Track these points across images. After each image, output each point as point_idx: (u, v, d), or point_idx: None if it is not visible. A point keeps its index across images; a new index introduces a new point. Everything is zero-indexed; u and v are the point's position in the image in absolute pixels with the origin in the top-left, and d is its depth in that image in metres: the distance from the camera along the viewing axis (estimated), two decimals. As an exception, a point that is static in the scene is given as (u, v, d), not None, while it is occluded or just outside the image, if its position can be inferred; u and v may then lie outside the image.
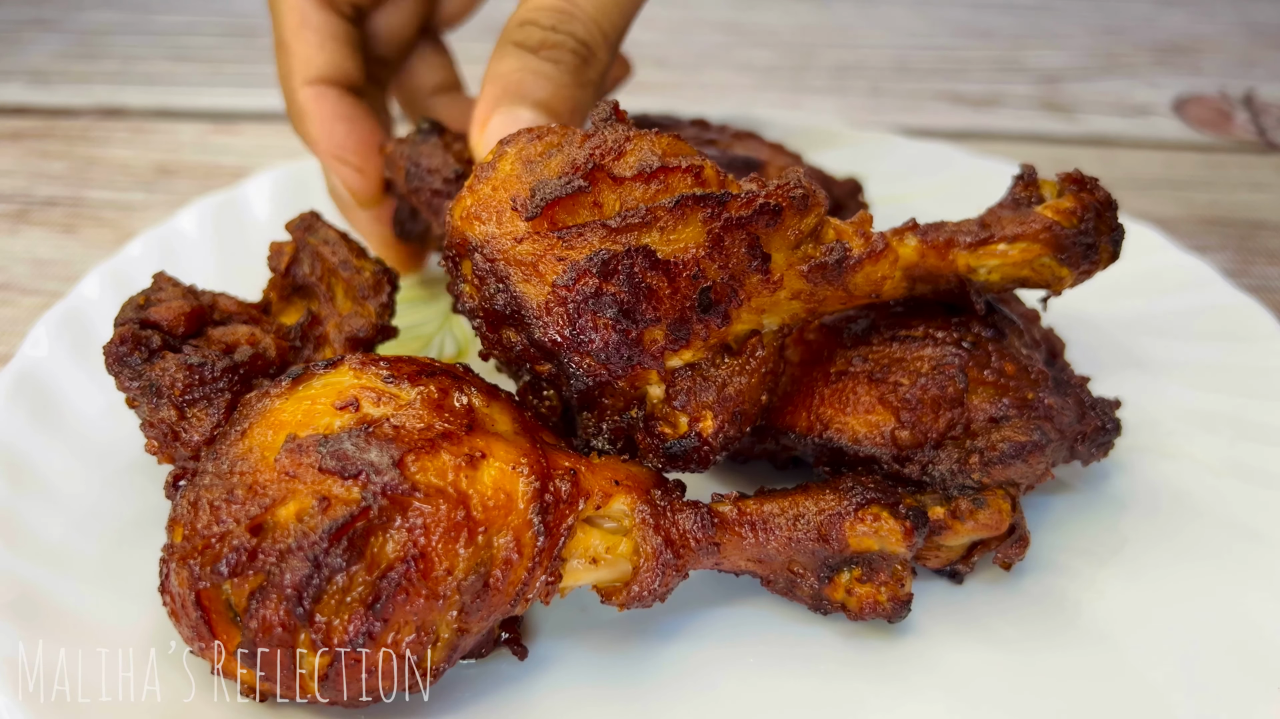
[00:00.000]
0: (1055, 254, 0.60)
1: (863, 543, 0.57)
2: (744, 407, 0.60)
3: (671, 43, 1.51)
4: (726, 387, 0.58)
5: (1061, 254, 0.60)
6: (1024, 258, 0.61)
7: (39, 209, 1.11)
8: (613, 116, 0.58)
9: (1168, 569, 0.66)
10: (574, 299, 0.54)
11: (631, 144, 0.56)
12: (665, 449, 0.58)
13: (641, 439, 0.59)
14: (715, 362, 0.58)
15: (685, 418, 0.58)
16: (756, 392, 0.60)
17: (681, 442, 0.58)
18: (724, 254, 0.56)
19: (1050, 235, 0.60)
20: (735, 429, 0.59)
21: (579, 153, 0.56)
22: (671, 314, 0.55)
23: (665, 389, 0.57)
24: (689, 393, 0.57)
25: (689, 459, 0.59)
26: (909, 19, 1.60)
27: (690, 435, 0.58)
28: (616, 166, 0.56)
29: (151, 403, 0.59)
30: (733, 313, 0.57)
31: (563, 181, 0.55)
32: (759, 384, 0.60)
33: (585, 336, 0.55)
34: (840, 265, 0.58)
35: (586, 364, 0.56)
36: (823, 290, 0.59)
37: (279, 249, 0.69)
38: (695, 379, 0.58)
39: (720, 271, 0.56)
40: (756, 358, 0.59)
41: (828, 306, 0.61)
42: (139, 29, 1.52)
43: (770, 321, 0.60)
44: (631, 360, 0.56)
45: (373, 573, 0.51)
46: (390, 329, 0.69)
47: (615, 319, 0.55)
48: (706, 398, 0.58)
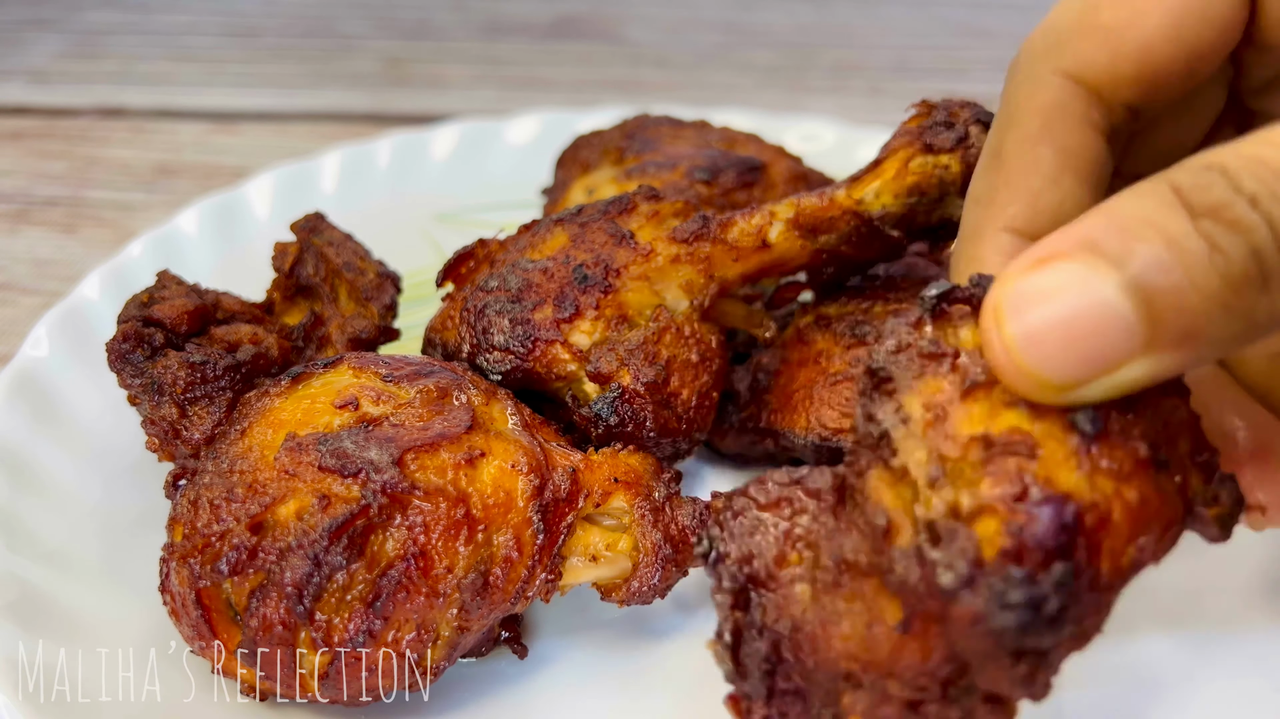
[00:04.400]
0: (922, 149, 0.62)
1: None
2: (671, 366, 0.62)
3: (671, 43, 1.51)
4: (636, 346, 0.62)
5: (927, 145, 0.62)
6: (897, 167, 0.63)
7: (39, 209, 1.11)
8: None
9: (1169, 570, 0.66)
10: (470, 310, 0.62)
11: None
12: (595, 411, 0.61)
13: (577, 415, 0.62)
14: (621, 332, 0.62)
15: (604, 376, 0.61)
16: (687, 353, 0.63)
17: (606, 397, 0.61)
18: (587, 242, 0.63)
19: (909, 137, 0.63)
20: (667, 384, 0.62)
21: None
22: (553, 292, 0.62)
23: (581, 365, 0.62)
24: (601, 359, 0.61)
25: (629, 422, 0.61)
26: (909, 19, 1.60)
27: (613, 389, 0.61)
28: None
29: (153, 400, 0.59)
30: (613, 281, 0.62)
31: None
32: (686, 347, 0.63)
33: (489, 336, 0.61)
34: (706, 224, 0.63)
35: (495, 355, 0.61)
36: (702, 250, 0.62)
37: (283, 249, 0.69)
38: (604, 349, 0.62)
39: (589, 253, 0.63)
40: (671, 328, 0.63)
41: (726, 270, 0.64)
42: (139, 29, 1.52)
43: (671, 293, 0.63)
44: (529, 337, 0.61)
45: (373, 571, 0.51)
46: (392, 331, 0.69)
47: (504, 309, 0.61)
48: (617, 356, 0.62)
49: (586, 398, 0.62)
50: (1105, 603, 0.36)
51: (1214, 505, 0.40)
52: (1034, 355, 0.35)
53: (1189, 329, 0.34)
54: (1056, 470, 0.35)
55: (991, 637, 0.34)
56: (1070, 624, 0.35)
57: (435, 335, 0.66)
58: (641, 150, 0.83)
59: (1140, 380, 0.35)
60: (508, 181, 1.02)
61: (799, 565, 0.40)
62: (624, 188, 0.76)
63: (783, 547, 0.40)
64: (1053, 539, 0.34)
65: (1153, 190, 0.36)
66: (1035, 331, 0.35)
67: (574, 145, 0.89)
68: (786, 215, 0.64)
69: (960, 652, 0.36)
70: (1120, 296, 0.34)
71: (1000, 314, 0.35)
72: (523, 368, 0.61)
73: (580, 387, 0.62)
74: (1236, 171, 0.35)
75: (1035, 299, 0.35)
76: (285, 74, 1.40)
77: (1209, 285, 0.34)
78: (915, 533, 0.36)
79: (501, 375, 0.62)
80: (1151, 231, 0.34)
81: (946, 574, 0.35)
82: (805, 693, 0.40)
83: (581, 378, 0.62)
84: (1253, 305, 0.34)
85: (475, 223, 0.97)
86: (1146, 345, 0.34)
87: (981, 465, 0.35)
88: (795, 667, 0.39)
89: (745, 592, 0.41)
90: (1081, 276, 0.34)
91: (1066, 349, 0.35)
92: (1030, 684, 0.36)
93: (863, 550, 0.38)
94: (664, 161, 0.80)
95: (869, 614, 0.38)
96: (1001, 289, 0.36)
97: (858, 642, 0.38)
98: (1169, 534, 0.38)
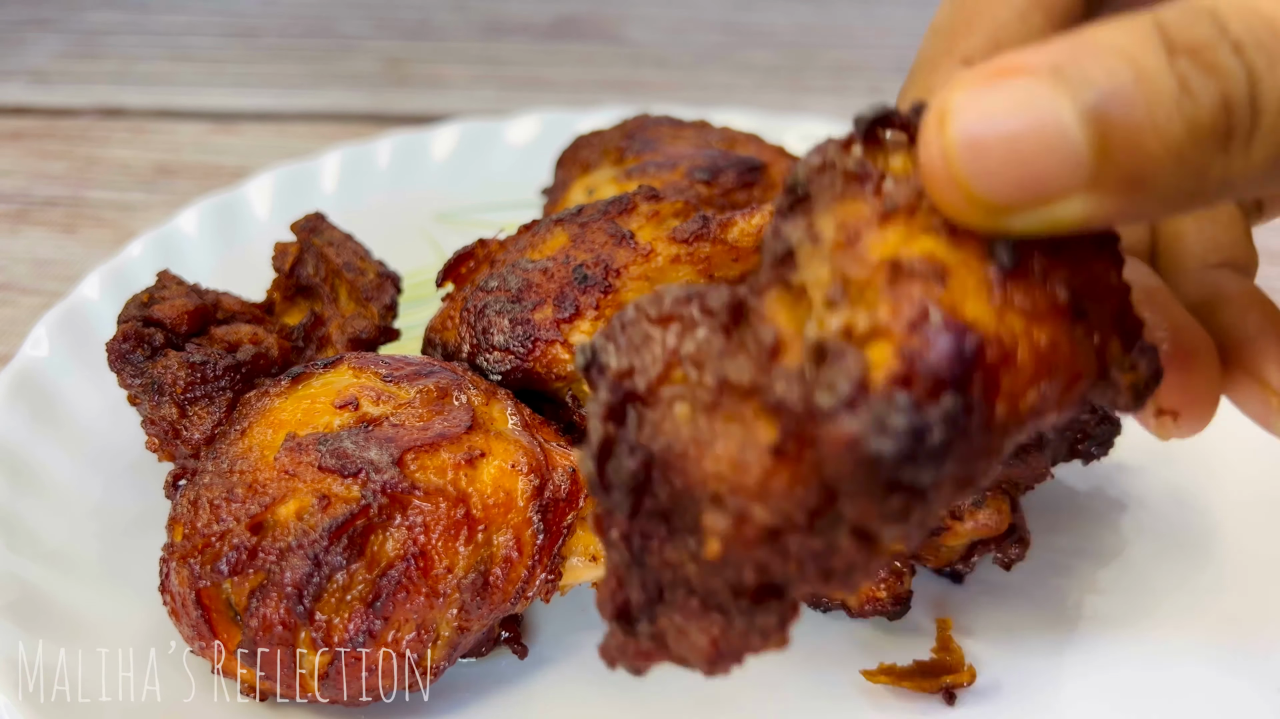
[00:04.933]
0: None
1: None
2: None
3: (671, 43, 1.51)
4: None
5: None
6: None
7: (39, 209, 1.11)
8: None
9: (1168, 569, 0.66)
10: (470, 310, 0.62)
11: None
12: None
13: (577, 415, 0.61)
14: None
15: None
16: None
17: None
18: (587, 242, 0.63)
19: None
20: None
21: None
22: (553, 293, 0.62)
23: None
24: None
25: None
26: (909, 19, 1.60)
27: None
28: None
29: (153, 400, 0.59)
30: (613, 281, 0.62)
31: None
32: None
33: (489, 336, 0.62)
34: (706, 225, 0.63)
35: (495, 355, 0.61)
36: (702, 250, 0.62)
37: (284, 249, 0.69)
38: None
39: (589, 254, 0.63)
40: None
41: (726, 270, 0.63)
42: (139, 29, 1.52)
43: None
44: (529, 337, 0.61)
45: (373, 571, 0.51)
46: (392, 331, 0.69)
47: (504, 309, 0.61)
48: None
49: (586, 398, 0.62)
50: (995, 447, 0.34)
51: (1130, 372, 0.38)
52: (973, 166, 0.33)
53: (1138, 173, 0.32)
54: (964, 299, 0.33)
55: (866, 463, 0.32)
56: (953, 462, 0.32)
57: (435, 335, 0.66)
58: (641, 150, 0.83)
59: (1076, 219, 0.33)
60: (508, 181, 1.02)
61: (682, 384, 0.37)
62: (624, 188, 0.76)
63: (668, 364, 0.37)
64: (947, 368, 0.32)
65: (1135, 21, 0.33)
66: (979, 141, 0.32)
67: (574, 145, 0.88)
68: None
69: (831, 478, 0.34)
70: (1076, 122, 0.32)
71: (946, 116, 0.33)
72: (523, 368, 0.61)
73: (580, 387, 0.62)
74: (1227, 14, 0.33)
75: (987, 108, 0.32)
76: (285, 74, 1.40)
77: (1170, 129, 0.32)
78: (803, 353, 0.34)
79: (501, 375, 0.62)
80: (1123, 61, 0.32)
81: (826, 394, 0.33)
82: (670, 514, 0.37)
83: (581, 378, 0.62)
84: (1208, 163, 0.32)
85: (475, 223, 0.97)
86: (1091, 182, 0.32)
87: (886, 289, 0.33)
88: (663, 487, 0.37)
89: (623, 406, 0.38)
90: (1041, 93, 0.32)
91: (1007, 166, 0.32)
92: (902, 521, 0.33)
93: (747, 370, 0.35)
94: (664, 161, 0.80)
95: (744, 436, 0.35)
96: (953, 93, 0.33)
97: (729, 463, 0.35)
98: (1075, 387, 0.35)
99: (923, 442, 0.31)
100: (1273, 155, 0.33)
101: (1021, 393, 0.33)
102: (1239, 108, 0.32)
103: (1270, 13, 0.32)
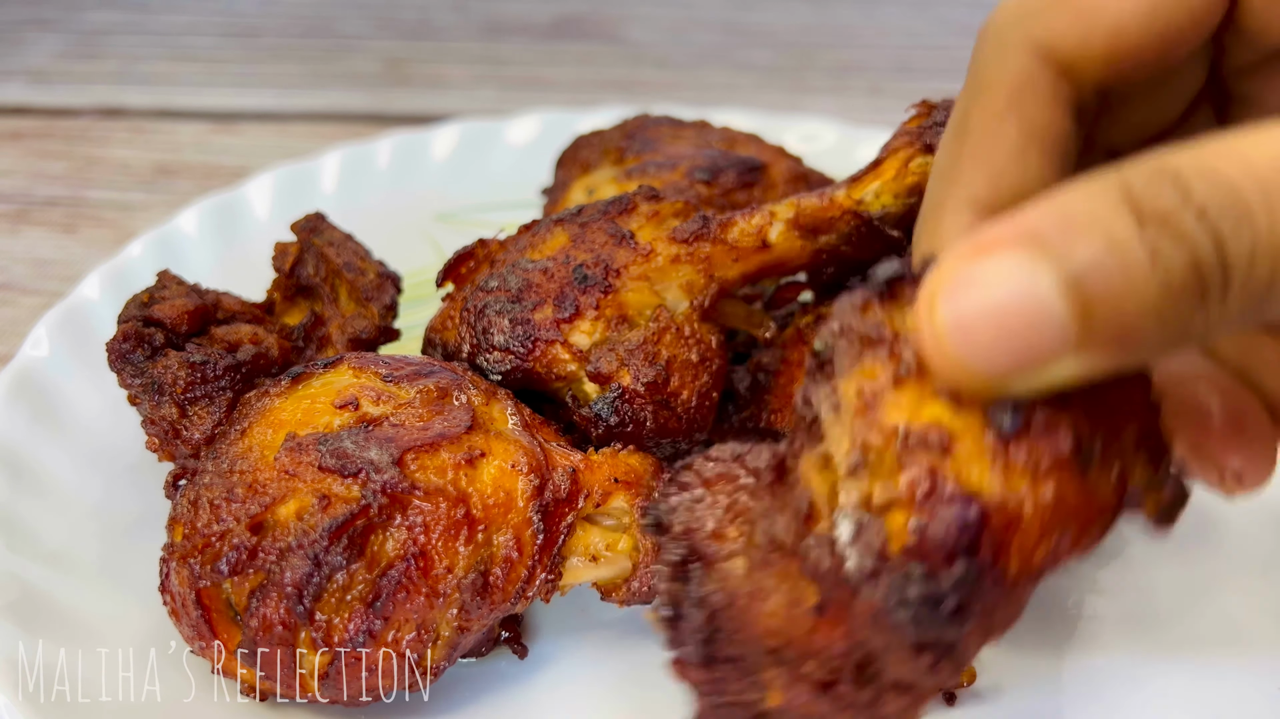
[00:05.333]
0: (922, 149, 0.63)
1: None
2: (671, 366, 0.62)
3: (671, 43, 1.51)
4: (636, 346, 0.62)
5: (927, 145, 0.62)
6: (897, 167, 0.63)
7: (39, 209, 1.11)
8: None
9: (1169, 569, 0.66)
10: (470, 310, 0.62)
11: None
12: (595, 411, 0.61)
13: (577, 415, 0.62)
14: (621, 333, 0.62)
15: (604, 377, 0.61)
16: (687, 353, 0.63)
17: (606, 397, 0.61)
18: (588, 242, 0.63)
19: (909, 137, 0.63)
20: (667, 384, 0.62)
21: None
22: (553, 293, 0.62)
23: (581, 365, 0.62)
24: (601, 359, 0.61)
25: (629, 422, 0.61)
26: (909, 19, 1.60)
27: (613, 389, 0.61)
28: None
29: (153, 400, 0.59)
30: (613, 281, 0.62)
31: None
32: (686, 347, 0.63)
33: (489, 336, 0.62)
34: (706, 225, 0.63)
35: (495, 355, 0.61)
36: (702, 250, 0.62)
37: (284, 249, 0.69)
38: (604, 349, 0.62)
39: (589, 254, 0.63)
40: (670, 328, 0.63)
41: (727, 270, 0.63)
42: (139, 29, 1.52)
43: (671, 293, 0.63)
44: (529, 337, 0.61)
45: (373, 571, 0.51)
46: (393, 331, 0.69)
47: (504, 309, 0.61)
48: (617, 356, 0.62)
49: (586, 398, 0.62)
50: (1015, 598, 0.36)
51: (1155, 495, 0.40)
52: (962, 344, 0.34)
53: (1122, 333, 0.33)
54: (969, 467, 0.35)
55: (891, 630, 0.35)
56: (973, 619, 0.35)
57: (435, 335, 0.66)
58: (641, 150, 0.83)
59: (1070, 377, 0.34)
60: (508, 181, 1.02)
61: (736, 541, 0.40)
62: (624, 188, 0.76)
63: (721, 521, 0.41)
64: (954, 538, 0.34)
65: (1103, 188, 0.34)
66: (966, 319, 0.34)
67: (574, 145, 0.88)
68: (786, 215, 0.64)
69: (865, 641, 0.37)
70: (1055, 294, 0.33)
71: (934, 299, 0.34)
72: (523, 368, 0.61)
73: (580, 387, 0.62)
74: (1189, 180, 0.33)
75: (971, 286, 0.34)
76: (285, 74, 1.40)
77: (1146, 294, 0.33)
78: (831, 523, 0.36)
79: (501, 375, 0.62)
80: (1096, 231, 0.33)
81: (852, 565, 0.35)
82: (740, 662, 0.40)
83: (581, 378, 0.62)
84: (1188, 318, 0.34)
85: (475, 223, 0.97)
86: (1078, 345, 0.33)
87: (899, 457, 0.35)
88: (728, 637, 0.40)
89: (685, 564, 0.41)
90: (1020, 268, 0.33)
91: (995, 340, 0.34)
92: (935, 674, 0.36)
93: (790, 531, 0.38)
94: (664, 161, 0.80)
95: (793, 594, 0.38)
96: (939, 274, 0.35)
97: (782, 619, 0.38)
98: (1091, 530, 0.37)
99: (938, 608, 0.34)
100: (1249, 304, 0.34)
101: (1033, 549, 0.35)
102: (1210, 270, 0.33)
103: (1228, 173, 0.33)
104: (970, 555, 0.34)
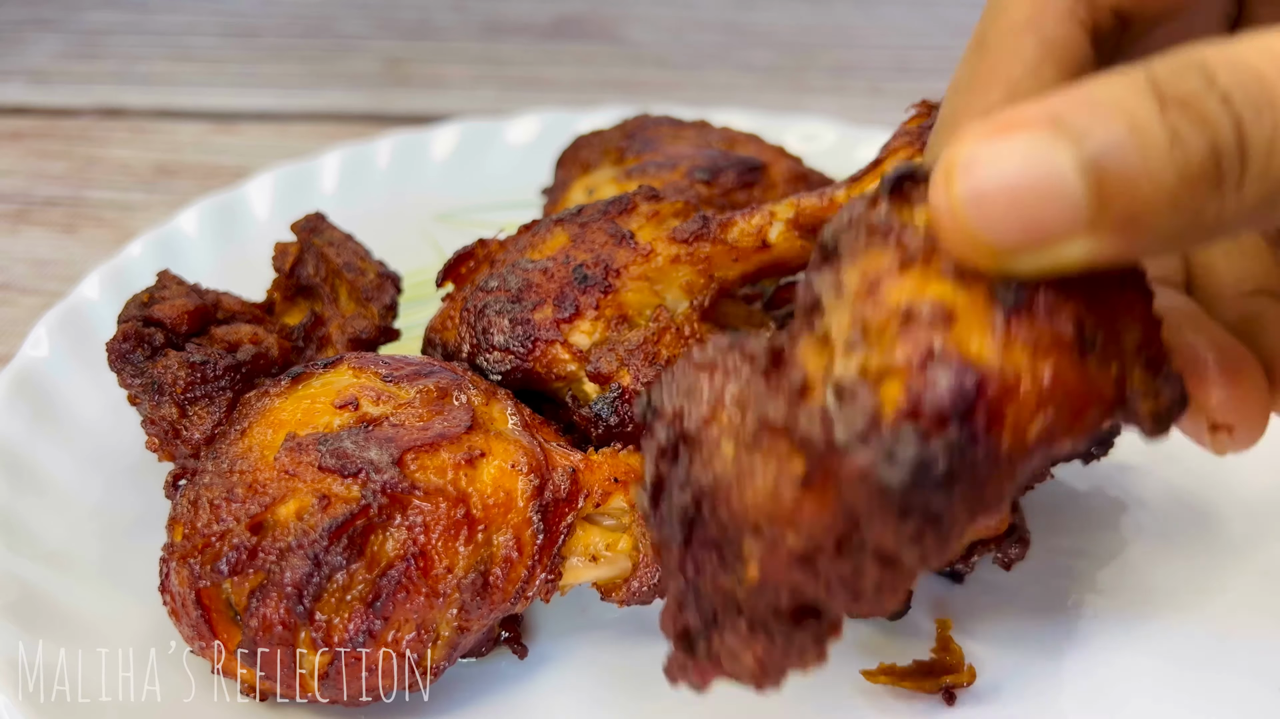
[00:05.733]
0: (922, 149, 0.63)
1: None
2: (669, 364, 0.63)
3: (671, 43, 1.51)
4: (636, 346, 0.62)
5: (926, 145, 0.62)
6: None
7: (39, 209, 1.11)
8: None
9: (1168, 569, 0.66)
10: (470, 310, 0.62)
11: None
12: (595, 411, 0.61)
13: (577, 415, 0.62)
14: (621, 333, 0.62)
15: (604, 377, 0.61)
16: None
17: (606, 397, 0.61)
18: (587, 242, 0.63)
19: (908, 137, 0.62)
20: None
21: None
22: (553, 293, 0.62)
23: (581, 365, 0.62)
24: (601, 359, 0.61)
25: (629, 422, 0.61)
26: (909, 19, 1.60)
27: (613, 389, 0.61)
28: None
29: (153, 400, 0.59)
30: (613, 281, 0.62)
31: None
32: (686, 347, 0.63)
33: (489, 336, 0.62)
34: (706, 225, 0.63)
35: (495, 355, 0.61)
36: (702, 250, 0.62)
37: (284, 249, 0.69)
38: (604, 349, 0.62)
39: (589, 254, 0.63)
40: (670, 328, 0.63)
41: (727, 270, 0.63)
42: (139, 29, 1.52)
43: (671, 293, 0.63)
44: (529, 337, 0.61)
45: (373, 571, 0.51)
46: (393, 331, 0.69)
47: (504, 309, 0.61)
48: (617, 356, 0.62)
49: (586, 398, 0.62)
50: (1006, 473, 0.36)
51: (1152, 399, 0.40)
52: (977, 215, 0.35)
53: (1135, 217, 0.34)
54: (968, 338, 0.35)
55: (878, 491, 0.35)
56: (961, 488, 0.35)
57: (435, 335, 0.66)
58: (641, 150, 0.83)
59: (1078, 259, 0.35)
60: (508, 182, 1.02)
61: (727, 424, 0.40)
62: (624, 188, 0.76)
63: (714, 406, 0.41)
64: (949, 402, 0.34)
65: (1128, 75, 0.35)
66: (983, 191, 0.34)
67: (574, 145, 0.88)
68: (786, 215, 0.64)
69: (851, 506, 0.36)
70: (1073, 171, 0.33)
71: (952, 171, 0.35)
72: (523, 368, 0.61)
73: (580, 387, 0.62)
74: (1215, 66, 0.34)
75: (990, 161, 0.34)
76: (285, 74, 1.40)
77: (1163, 176, 0.33)
78: (825, 393, 0.37)
79: (501, 375, 0.62)
80: (1117, 113, 0.34)
81: (843, 429, 0.35)
82: (719, 543, 0.40)
83: (581, 378, 0.62)
84: (1202, 205, 0.34)
85: (475, 223, 0.97)
86: (1090, 225, 0.34)
87: (899, 332, 0.36)
88: (712, 519, 0.40)
89: (675, 446, 0.42)
90: (1040, 146, 0.34)
91: (1010, 213, 0.34)
92: (918, 543, 0.36)
93: (781, 409, 0.38)
94: (664, 161, 0.80)
95: (779, 470, 0.38)
96: (959, 148, 0.35)
97: (766, 495, 0.38)
98: (1086, 416, 0.37)
99: (929, 470, 0.34)
100: (1263, 196, 0.34)
101: (1027, 423, 0.35)
102: (1228, 155, 0.34)
103: (1256, 63, 0.34)
104: (964, 420, 0.34)
